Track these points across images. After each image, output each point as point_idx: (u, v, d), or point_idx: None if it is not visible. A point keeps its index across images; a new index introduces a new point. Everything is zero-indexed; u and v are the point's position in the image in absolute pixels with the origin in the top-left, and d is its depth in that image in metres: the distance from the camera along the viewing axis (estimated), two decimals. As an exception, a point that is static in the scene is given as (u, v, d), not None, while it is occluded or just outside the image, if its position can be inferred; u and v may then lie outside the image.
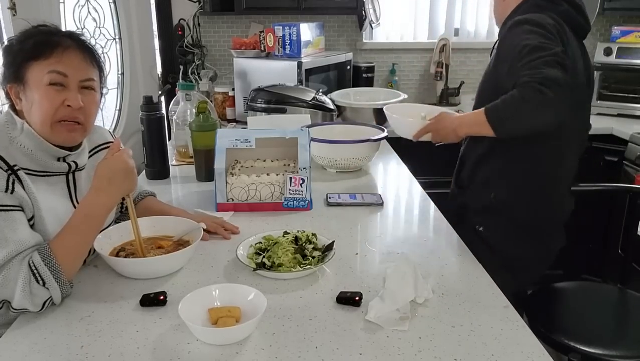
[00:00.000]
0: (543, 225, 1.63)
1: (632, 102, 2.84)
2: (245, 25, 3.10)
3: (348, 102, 2.64)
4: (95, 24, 2.40)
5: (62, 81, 1.13)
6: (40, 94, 1.12)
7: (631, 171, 2.50)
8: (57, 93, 1.13)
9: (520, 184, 1.60)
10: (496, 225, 1.63)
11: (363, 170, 2.00)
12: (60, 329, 1.01)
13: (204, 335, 0.96)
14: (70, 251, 1.09)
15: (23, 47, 1.13)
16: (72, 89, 1.15)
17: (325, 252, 1.24)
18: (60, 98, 1.13)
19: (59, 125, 1.15)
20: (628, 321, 1.73)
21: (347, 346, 0.95)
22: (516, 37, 1.47)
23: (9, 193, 1.07)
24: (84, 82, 1.17)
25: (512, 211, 1.60)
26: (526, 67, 1.38)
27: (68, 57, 1.14)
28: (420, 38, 3.30)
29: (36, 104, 1.13)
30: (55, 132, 1.15)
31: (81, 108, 1.15)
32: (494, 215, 1.63)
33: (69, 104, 1.14)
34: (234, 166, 1.67)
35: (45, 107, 1.12)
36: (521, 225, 1.61)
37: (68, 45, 1.14)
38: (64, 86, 1.13)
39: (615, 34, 2.91)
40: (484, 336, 0.98)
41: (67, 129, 1.16)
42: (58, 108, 1.13)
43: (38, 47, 1.12)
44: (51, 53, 1.12)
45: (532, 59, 1.38)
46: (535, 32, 1.44)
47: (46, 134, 1.15)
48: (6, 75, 1.15)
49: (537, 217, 1.61)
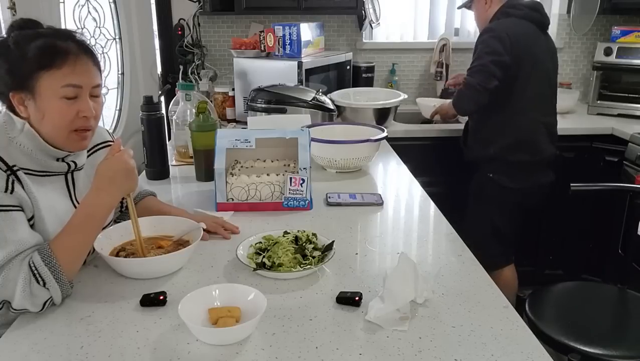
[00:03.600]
0: (533, 166, 2.24)
1: (632, 102, 2.84)
2: (245, 25, 3.10)
3: (348, 102, 2.64)
4: (95, 24, 2.40)
5: (77, 93, 1.13)
6: (53, 107, 1.11)
7: (631, 171, 2.50)
8: (71, 106, 1.13)
9: (509, 138, 2.21)
10: (501, 169, 2.23)
11: (363, 170, 2.00)
12: (61, 329, 1.01)
13: (204, 335, 0.96)
14: (70, 251, 1.09)
15: (27, 53, 1.09)
16: (85, 98, 1.15)
17: (325, 252, 1.24)
18: (74, 109, 1.13)
19: (74, 133, 1.16)
20: (628, 321, 1.73)
21: (347, 346, 0.95)
22: (480, 43, 2.21)
23: (8, 193, 1.07)
24: (94, 88, 1.17)
25: (509, 157, 2.21)
26: (469, 70, 2.23)
27: (80, 66, 1.13)
28: (420, 38, 3.30)
29: (49, 115, 1.12)
30: (70, 140, 1.16)
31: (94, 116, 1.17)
32: (498, 162, 2.24)
33: (85, 115, 1.14)
34: (234, 166, 1.67)
35: (60, 119, 1.13)
36: (518, 167, 2.22)
37: (76, 53, 1.13)
38: (77, 97, 1.13)
39: (615, 34, 2.91)
40: (484, 336, 0.98)
41: (81, 137, 1.18)
42: (73, 120, 1.14)
43: (46, 56, 1.09)
44: (63, 63, 1.10)
45: (473, 65, 2.20)
46: (489, 41, 2.16)
47: (60, 143, 1.16)
48: (8, 82, 1.11)
49: (527, 160, 2.21)
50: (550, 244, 2.82)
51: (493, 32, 2.18)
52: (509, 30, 2.15)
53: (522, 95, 2.19)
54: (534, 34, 2.21)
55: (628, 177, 2.51)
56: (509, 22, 2.20)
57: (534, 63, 2.18)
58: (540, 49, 2.22)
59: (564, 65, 3.31)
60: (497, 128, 2.24)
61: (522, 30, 2.18)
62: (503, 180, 2.23)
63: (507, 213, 2.27)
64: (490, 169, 2.26)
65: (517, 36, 2.15)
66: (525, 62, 2.16)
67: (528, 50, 2.17)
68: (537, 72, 2.20)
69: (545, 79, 2.25)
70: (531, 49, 2.18)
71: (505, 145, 2.21)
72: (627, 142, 2.55)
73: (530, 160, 2.21)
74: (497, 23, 2.22)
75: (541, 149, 2.23)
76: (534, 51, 2.18)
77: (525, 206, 2.30)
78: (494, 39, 2.15)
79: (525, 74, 2.16)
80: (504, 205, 2.26)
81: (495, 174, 2.24)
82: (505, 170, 2.23)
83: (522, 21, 2.20)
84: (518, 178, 2.22)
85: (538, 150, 2.23)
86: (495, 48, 2.13)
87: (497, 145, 2.22)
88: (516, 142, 2.20)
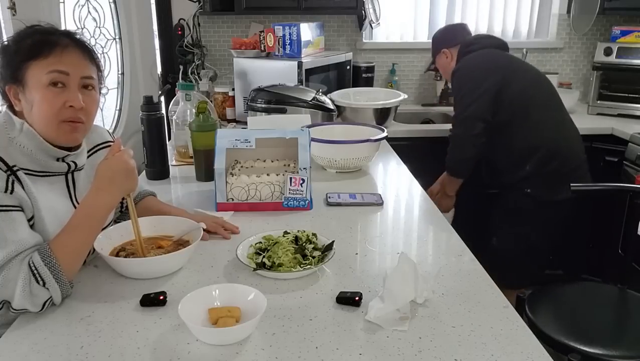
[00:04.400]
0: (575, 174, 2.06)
1: (632, 102, 2.84)
2: (245, 25, 3.10)
3: (348, 102, 2.64)
4: (95, 24, 2.40)
5: (63, 80, 1.12)
6: (40, 95, 1.11)
7: (631, 171, 2.50)
8: (57, 94, 1.12)
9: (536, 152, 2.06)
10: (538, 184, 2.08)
11: (363, 170, 2.00)
12: (60, 329, 1.01)
13: (204, 335, 0.96)
14: (70, 251, 1.09)
15: (20, 47, 1.12)
16: (73, 88, 1.14)
17: (325, 252, 1.24)
18: (61, 99, 1.12)
19: (63, 124, 1.14)
20: (628, 321, 1.73)
21: (347, 346, 0.95)
22: (453, 90, 2.25)
23: (8, 193, 1.07)
24: (84, 79, 1.16)
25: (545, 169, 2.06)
26: (452, 125, 2.20)
27: (68, 55, 1.13)
28: (420, 38, 3.30)
29: (37, 105, 1.12)
30: (61, 131, 1.15)
31: (82, 108, 1.15)
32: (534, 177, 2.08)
33: (71, 105, 1.13)
34: (234, 166, 1.67)
35: (47, 108, 1.11)
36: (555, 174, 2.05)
37: (66, 44, 1.14)
38: (64, 86, 1.13)
39: (615, 34, 2.91)
40: (484, 336, 0.98)
41: (70, 129, 1.16)
42: (60, 110, 1.13)
43: (36, 47, 1.11)
44: (50, 52, 1.11)
45: (455, 115, 2.18)
46: (460, 81, 2.17)
47: (51, 135, 1.15)
48: (4, 75, 1.14)
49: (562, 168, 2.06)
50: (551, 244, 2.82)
51: (459, 70, 2.19)
52: (478, 63, 2.18)
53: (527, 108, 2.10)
54: (500, 54, 2.22)
55: (628, 177, 2.52)
56: (473, 56, 2.21)
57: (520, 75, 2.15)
58: (515, 61, 2.23)
59: (564, 65, 3.32)
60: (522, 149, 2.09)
61: (489, 57, 2.20)
62: (541, 194, 2.08)
63: (546, 229, 2.14)
64: (528, 186, 2.10)
65: (489, 62, 2.17)
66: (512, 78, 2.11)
67: (507, 67, 2.15)
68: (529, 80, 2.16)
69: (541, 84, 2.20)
70: (509, 65, 2.17)
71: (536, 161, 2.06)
72: (627, 142, 2.55)
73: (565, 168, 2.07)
74: (463, 62, 2.22)
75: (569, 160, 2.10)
76: (513, 66, 2.18)
77: (564, 218, 2.15)
78: (463, 77, 2.16)
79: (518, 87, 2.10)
80: (543, 221, 2.11)
81: (533, 189, 2.09)
82: (542, 184, 2.08)
83: (483, 50, 2.21)
84: (557, 190, 2.03)
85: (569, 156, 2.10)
86: (471, 87, 2.10)
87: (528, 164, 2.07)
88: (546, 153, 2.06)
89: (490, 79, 2.09)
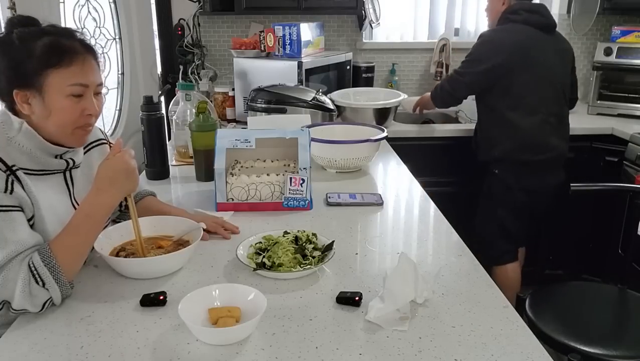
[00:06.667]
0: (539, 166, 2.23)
1: (632, 102, 2.84)
2: (245, 25, 3.10)
3: (348, 102, 2.64)
4: (95, 24, 2.40)
5: (83, 92, 1.15)
6: (60, 105, 1.13)
7: (631, 171, 2.50)
8: (76, 103, 1.15)
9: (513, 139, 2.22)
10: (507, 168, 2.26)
11: (363, 170, 2.00)
12: (60, 329, 1.01)
13: (204, 335, 0.96)
14: (70, 251, 1.09)
15: (32, 49, 1.09)
16: (90, 97, 1.17)
17: (325, 252, 1.24)
18: (80, 107, 1.15)
19: (78, 130, 1.18)
20: (628, 321, 1.73)
21: (347, 346, 0.95)
22: (473, 47, 2.31)
23: (8, 193, 1.07)
24: (98, 87, 1.19)
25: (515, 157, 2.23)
26: (455, 70, 2.37)
27: (88, 66, 1.15)
28: (420, 38, 3.30)
29: (56, 113, 1.13)
30: (74, 136, 1.19)
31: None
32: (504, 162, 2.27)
33: (89, 113, 1.17)
34: (234, 166, 1.67)
35: (67, 117, 1.14)
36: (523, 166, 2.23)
37: (83, 52, 1.14)
38: (82, 95, 1.15)
39: (615, 34, 2.91)
40: (484, 336, 0.98)
41: (83, 133, 1.20)
42: (78, 118, 1.16)
43: (54, 54, 1.10)
44: (71, 62, 1.11)
45: (457, 68, 2.34)
46: (478, 48, 2.28)
47: (61, 139, 1.18)
48: (13, 79, 1.11)
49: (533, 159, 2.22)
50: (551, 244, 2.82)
51: (482, 37, 2.31)
52: (502, 39, 2.23)
53: (522, 98, 2.21)
54: (534, 37, 2.22)
55: (628, 177, 2.51)
56: (506, 28, 2.26)
57: (531, 67, 2.20)
58: (540, 51, 2.22)
59: (564, 65, 3.31)
60: (501, 130, 2.25)
61: (517, 37, 2.22)
62: (509, 179, 2.25)
63: (513, 212, 2.29)
64: (497, 168, 2.30)
65: (510, 43, 2.20)
66: (521, 67, 2.18)
67: (524, 55, 2.19)
68: (537, 75, 2.21)
69: (546, 81, 2.24)
70: (528, 53, 2.20)
71: (510, 146, 2.23)
72: (627, 142, 2.55)
73: (535, 160, 2.22)
74: (493, 31, 2.32)
75: (547, 150, 2.23)
76: (531, 55, 2.20)
77: (531, 206, 2.31)
78: (480, 45, 2.27)
79: (522, 78, 2.19)
80: (511, 204, 2.28)
81: (501, 172, 2.28)
82: (510, 169, 2.25)
83: (520, 26, 2.23)
84: (523, 178, 2.23)
85: (543, 151, 2.22)
86: (480, 57, 2.24)
87: (501, 147, 2.25)
88: (521, 143, 2.22)
89: (494, 60, 2.20)
